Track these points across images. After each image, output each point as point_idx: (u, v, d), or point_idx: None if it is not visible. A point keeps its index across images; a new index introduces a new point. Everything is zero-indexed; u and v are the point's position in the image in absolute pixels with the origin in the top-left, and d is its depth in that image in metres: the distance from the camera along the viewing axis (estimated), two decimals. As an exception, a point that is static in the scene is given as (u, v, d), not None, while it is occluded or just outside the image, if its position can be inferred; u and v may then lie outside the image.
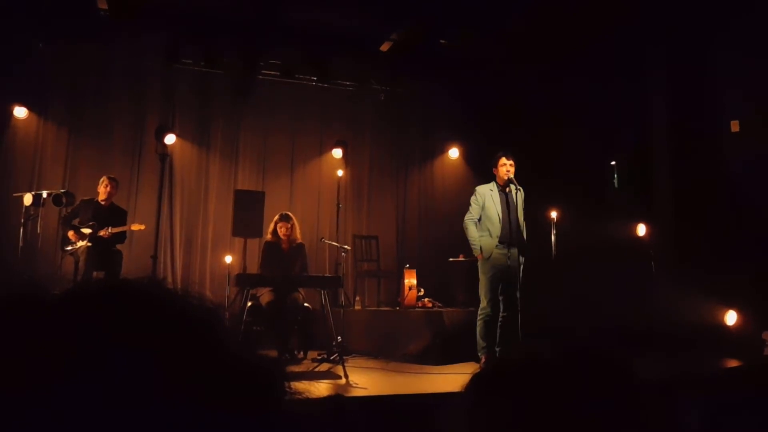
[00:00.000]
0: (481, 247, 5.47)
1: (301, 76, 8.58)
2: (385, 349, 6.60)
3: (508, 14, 7.33)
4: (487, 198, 5.57)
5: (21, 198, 6.57)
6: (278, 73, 8.45)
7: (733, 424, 0.52)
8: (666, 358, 5.36)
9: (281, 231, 6.42)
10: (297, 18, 7.85)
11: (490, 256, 5.44)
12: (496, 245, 5.45)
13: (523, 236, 5.55)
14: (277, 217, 6.56)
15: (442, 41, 8.36)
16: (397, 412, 4.12)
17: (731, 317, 6.25)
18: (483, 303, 5.47)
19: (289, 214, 6.62)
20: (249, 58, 8.23)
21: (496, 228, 5.48)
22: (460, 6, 7.29)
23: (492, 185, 5.64)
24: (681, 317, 5.94)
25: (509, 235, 5.48)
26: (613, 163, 7.67)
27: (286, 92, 8.63)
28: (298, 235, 6.54)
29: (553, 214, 5.70)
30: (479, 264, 5.53)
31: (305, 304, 6.24)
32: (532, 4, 7.08)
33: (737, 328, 6.16)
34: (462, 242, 5.97)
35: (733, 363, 5.13)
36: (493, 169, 5.63)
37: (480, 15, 7.40)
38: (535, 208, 5.78)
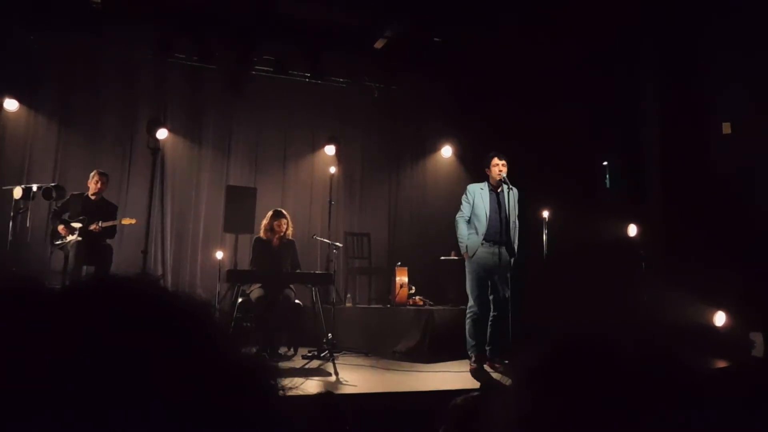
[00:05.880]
0: (467, 246, 5.48)
1: (295, 72, 8.55)
2: (376, 347, 6.61)
3: (502, 14, 7.33)
4: (477, 196, 5.57)
5: (11, 191, 6.52)
6: (271, 69, 8.42)
7: (721, 427, 0.52)
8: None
9: (280, 228, 6.35)
10: (291, 14, 7.83)
11: (474, 255, 5.44)
12: (482, 243, 5.44)
13: (512, 236, 5.55)
14: (272, 214, 6.46)
15: (436, 39, 8.37)
16: (387, 410, 4.12)
17: (720, 318, 6.29)
18: (471, 301, 5.47)
19: (282, 210, 6.58)
20: (242, 54, 8.20)
21: (483, 226, 5.47)
22: (454, 4, 7.29)
23: (483, 184, 5.64)
24: (670, 318, 5.97)
25: (498, 234, 5.47)
26: (605, 163, 7.71)
27: (279, 88, 8.60)
28: (290, 232, 6.51)
29: (545, 214, 5.71)
30: (466, 263, 5.53)
31: (296, 301, 6.22)
32: (526, 4, 7.09)
33: (726, 329, 6.21)
34: (453, 240, 5.97)
35: (721, 364, 5.16)
36: (486, 169, 5.62)
37: (474, 13, 7.41)
38: (527, 207, 5.79)
